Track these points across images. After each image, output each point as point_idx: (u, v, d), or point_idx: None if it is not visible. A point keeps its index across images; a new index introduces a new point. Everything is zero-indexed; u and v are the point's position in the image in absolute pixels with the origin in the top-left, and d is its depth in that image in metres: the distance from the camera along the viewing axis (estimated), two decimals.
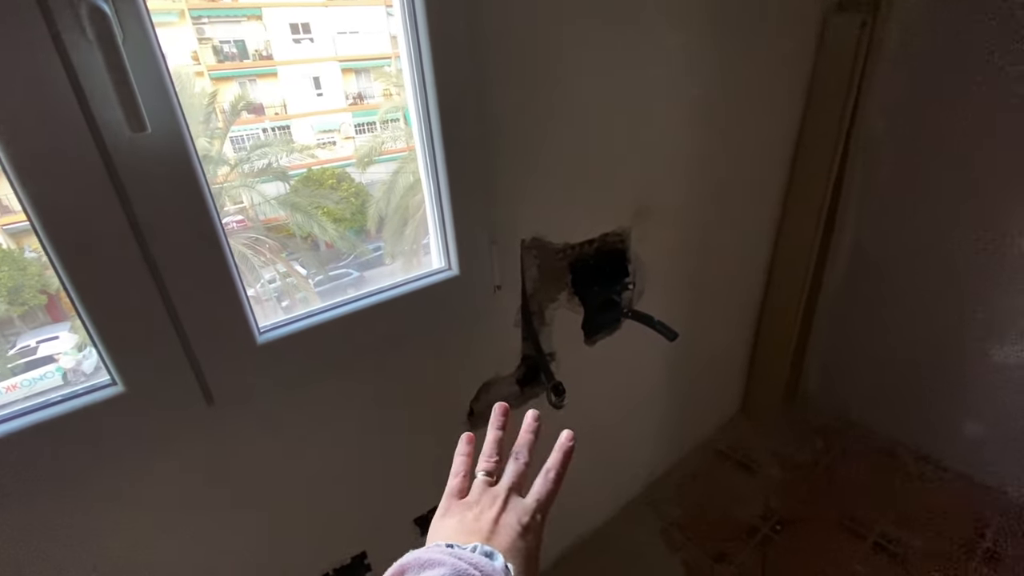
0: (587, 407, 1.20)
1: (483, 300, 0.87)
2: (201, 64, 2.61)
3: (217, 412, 0.64)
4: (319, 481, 0.80)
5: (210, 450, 0.67)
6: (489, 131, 0.77)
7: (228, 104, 3.27)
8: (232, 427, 0.67)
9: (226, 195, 3.58)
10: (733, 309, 1.58)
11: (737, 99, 1.18)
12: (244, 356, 0.64)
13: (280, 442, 0.73)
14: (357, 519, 0.88)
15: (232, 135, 3.34)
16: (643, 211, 1.09)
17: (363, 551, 0.91)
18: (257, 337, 0.65)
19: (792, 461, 1.62)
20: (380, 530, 0.92)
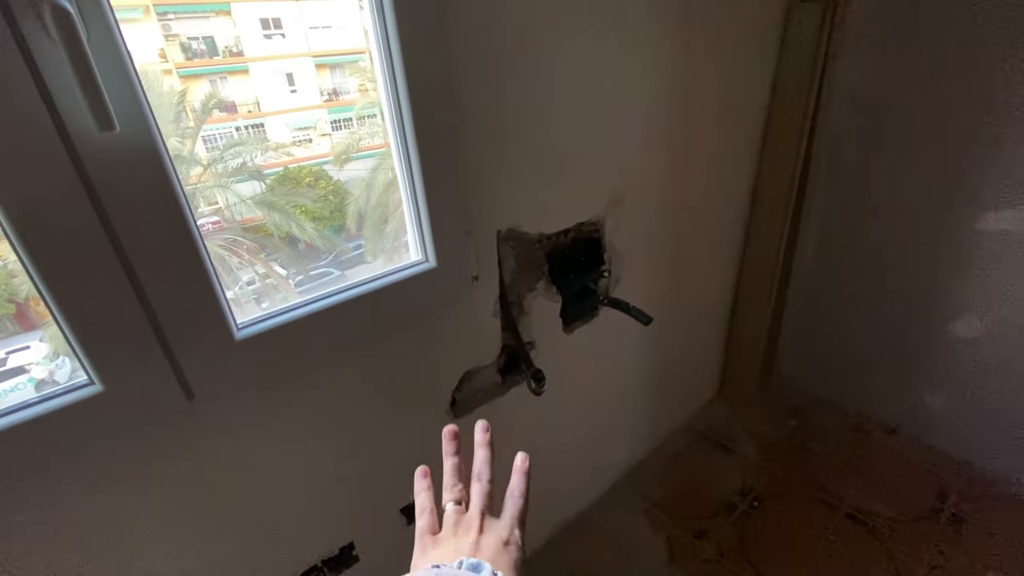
0: (568, 393, 1.22)
1: (461, 291, 0.89)
2: (169, 62, 2.54)
3: (198, 408, 0.64)
4: (303, 473, 0.81)
5: (192, 445, 0.67)
6: (462, 123, 0.78)
7: (199, 102, 3.20)
8: (214, 422, 0.68)
9: (200, 196, 3.51)
10: (708, 294, 1.63)
11: (706, 89, 1.21)
12: (223, 352, 0.64)
13: (263, 435, 0.74)
14: (343, 510, 0.89)
15: (204, 134, 3.26)
16: (617, 200, 1.12)
17: (351, 541, 0.93)
18: (235, 333, 0.65)
19: (768, 440, 1.68)
20: (367, 520, 0.94)
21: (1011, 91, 1.19)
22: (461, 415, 1.01)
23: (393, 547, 0.99)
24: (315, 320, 0.72)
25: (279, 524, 0.81)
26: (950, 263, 1.40)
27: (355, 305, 0.76)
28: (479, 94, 0.79)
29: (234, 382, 0.67)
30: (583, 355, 1.22)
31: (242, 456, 0.73)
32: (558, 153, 0.95)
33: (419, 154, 0.75)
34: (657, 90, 1.09)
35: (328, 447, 0.83)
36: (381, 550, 0.97)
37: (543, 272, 1.05)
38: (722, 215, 1.50)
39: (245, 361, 0.67)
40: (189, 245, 0.58)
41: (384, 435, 0.90)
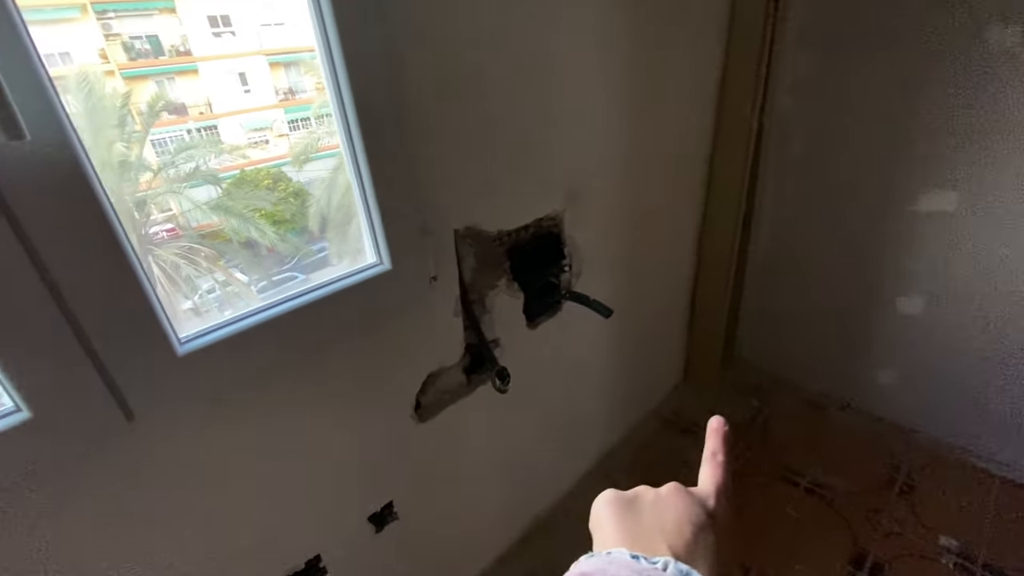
0: (536, 389, 1.23)
1: (419, 292, 0.88)
2: (111, 63, 2.39)
3: (139, 429, 0.61)
4: (262, 487, 0.78)
5: (136, 467, 0.64)
6: (411, 121, 0.77)
7: (145, 105, 3.02)
8: (158, 442, 0.65)
9: (152, 203, 3.33)
10: (669, 283, 1.66)
11: (657, 80, 1.22)
12: (164, 369, 0.61)
13: (214, 452, 0.71)
14: (308, 522, 0.87)
15: (153, 138, 3.10)
16: (574, 194, 1.12)
17: (317, 554, 0.90)
18: (178, 348, 0.63)
19: (731, 421, 1.72)
20: (334, 531, 0.92)
21: (938, 79, 1.25)
22: (427, 418, 1.00)
23: (363, 557, 0.98)
24: (264, 330, 0.70)
25: (237, 544, 0.78)
26: (894, 244, 1.47)
27: (307, 312, 0.74)
28: (428, 91, 0.78)
29: (179, 400, 0.64)
30: (548, 350, 1.23)
31: (192, 476, 0.70)
32: (513, 149, 0.95)
33: (367, 154, 0.73)
34: (610, 84, 1.10)
35: (287, 459, 0.80)
36: (349, 560, 0.96)
37: (504, 269, 1.05)
38: (679, 205, 1.53)
39: (190, 377, 0.64)
40: (118, 259, 0.55)
41: (347, 443, 0.88)
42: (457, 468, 1.13)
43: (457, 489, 1.15)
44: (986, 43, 1.17)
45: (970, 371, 1.45)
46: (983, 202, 1.29)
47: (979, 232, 1.32)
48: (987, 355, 1.41)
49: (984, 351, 1.41)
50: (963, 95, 1.23)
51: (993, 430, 1.47)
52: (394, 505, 1.01)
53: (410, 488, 1.03)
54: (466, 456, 1.13)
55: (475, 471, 1.17)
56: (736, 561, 0.24)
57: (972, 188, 1.29)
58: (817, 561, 1.27)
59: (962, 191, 1.31)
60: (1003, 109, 1.19)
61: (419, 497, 1.05)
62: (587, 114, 1.08)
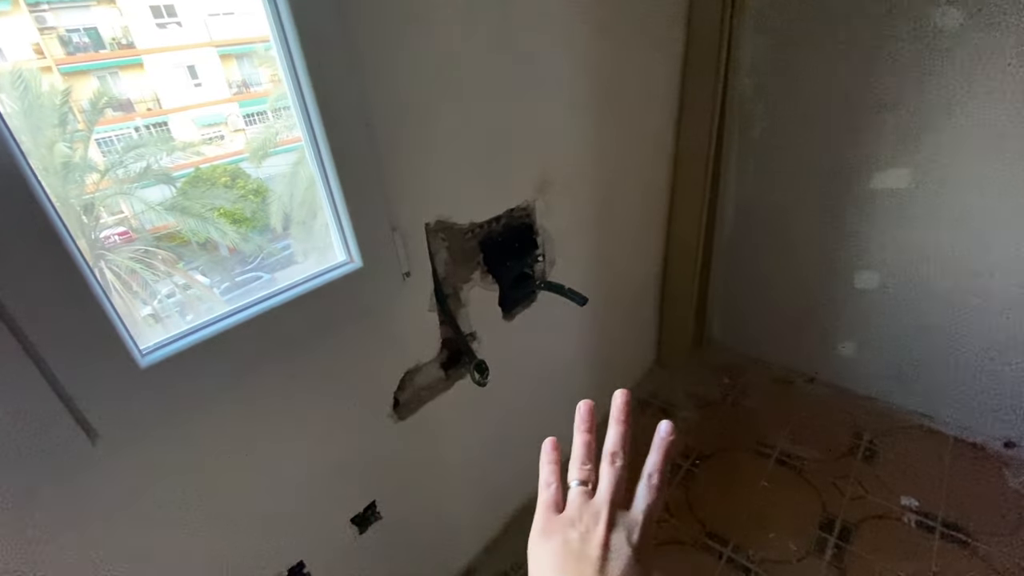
0: (514, 379, 1.23)
1: (392, 289, 0.86)
2: (47, 58, 2.24)
3: (104, 447, 0.58)
4: (240, 498, 0.76)
5: (103, 486, 0.61)
6: (374, 114, 0.74)
7: (87, 102, 2.85)
8: (126, 459, 0.62)
9: (101, 205, 3.17)
10: (639, 267, 1.68)
11: (622, 70, 1.23)
12: (126, 383, 0.58)
13: (187, 465, 0.68)
14: (288, 529, 0.85)
15: (98, 137, 2.93)
16: (545, 183, 1.12)
17: (300, 560, 0.89)
18: (140, 360, 0.59)
19: (704, 400, 1.78)
20: (316, 536, 0.90)
21: (887, 58, 1.30)
22: (406, 416, 0.99)
23: (346, 559, 0.97)
24: (232, 336, 0.67)
25: (216, 554, 0.76)
26: (851, 221, 1.52)
27: (276, 315, 0.71)
28: (389, 82, 0.76)
29: (145, 414, 0.61)
30: (525, 340, 1.23)
31: (165, 490, 0.67)
32: (481, 138, 0.94)
33: (330, 148, 0.70)
34: (575, 71, 1.09)
35: (265, 467, 0.78)
36: (333, 564, 0.94)
37: (478, 262, 1.04)
38: (647, 190, 1.55)
39: (155, 390, 0.61)
40: (68, 270, 0.52)
41: (326, 445, 0.86)
42: (439, 463, 1.12)
43: (440, 484, 1.14)
44: (931, 23, 1.22)
45: (922, 342, 1.53)
46: (934, 178, 1.35)
47: (930, 208, 1.39)
48: (938, 326, 1.49)
49: (935, 323, 1.49)
50: (911, 74, 1.28)
51: (944, 396, 1.56)
52: (377, 505, 1.00)
53: (392, 487, 1.02)
54: (447, 451, 1.13)
55: (457, 465, 1.17)
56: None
57: (922, 165, 1.35)
58: (789, 527, 1.32)
59: (913, 168, 1.37)
60: (951, 87, 1.25)
61: (402, 495, 1.04)
62: (555, 105, 1.07)
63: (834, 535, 1.30)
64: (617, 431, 0.38)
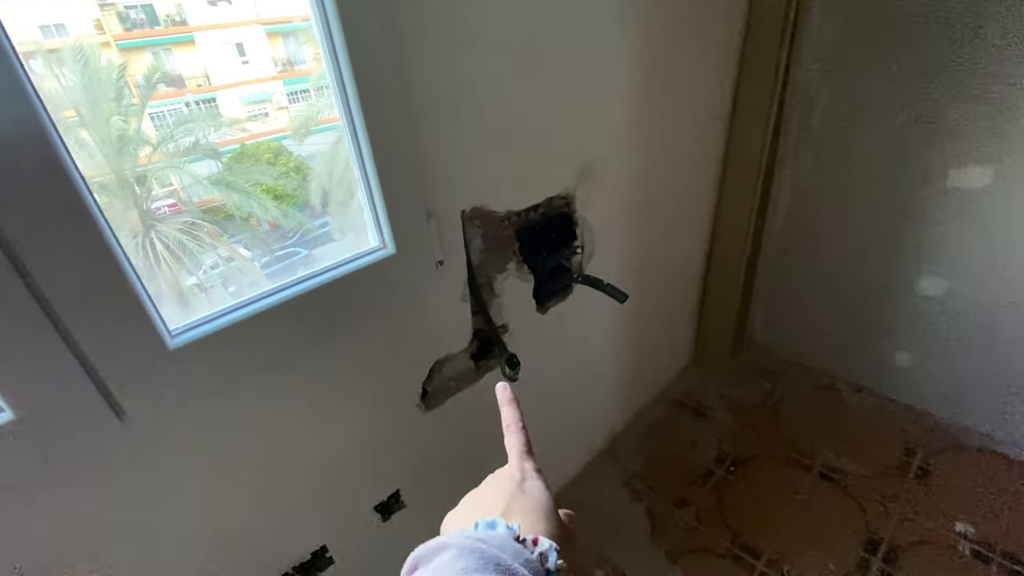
0: (545, 373, 1.19)
1: (425, 277, 0.83)
2: (107, 33, 2.31)
3: (132, 426, 0.58)
4: (266, 481, 0.76)
5: (132, 464, 0.61)
6: (413, 96, 0.71)
7: (141, 77, 2.93)
8: (154, 438, 0.62)
9: (153, 178, 3.27)
10: (681, 263, 1.60)
11: (674, 50, 1.14)
12: (155, 364, 0.58)
13: (214, 446, 0.68)
14: (313, 513, 0.85)
15: (152, 111, 3.01)
16: (586, 172, 1.07)
17: (323, 544, 0.89)
18: (168, 342, 0.59)
19: (742, 404, 1.70)
20: (340, 521, 0.90)
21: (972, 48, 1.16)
22: (433, 407, 0.97)
23: (370, 546, 0.96)
24: (262, 320, 0.66)
25: (242, 537, 0.76)
26: (918, 221, 1.40)
27: (307, 300, 0.70)
28: (430, 64, 0.72)
29: (173, 395, 0.61)
30: (558, 333, 1.19)
31: (193, 471, 0.67)
32: (522, 125, 0.89)
33: (368, 132, 0.67)
34: (624, 56, 1.02)
35: (291, 452, 0.77)
36: (357, 550, 0.94)
37: (513, 251, 1.00)
38: (694, 183, 1.46)
39: (183, 371, 0.61)
40: (99, 251, 0.51)
41: (352, 434, 0.85)
42: (465, 455, 1.10)
43: (464, 475, 1.12)
44: None
45: (992, 355, 1.41)
46: (1017, 179, 1.22)
47: (1010, 211, 1.25)
48: (1013, 339, 1.36)
49: (1009, 335, 1.36)
50: (999, 67, 1.15)
51: (1013, 415, 1.43)
52: (401, 494, 0.99)
53: (417, 476, 1.00)
54: (474, 443, 1.10)
55: (482, 457, 1.14)
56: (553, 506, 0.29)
57: (1008, 164, 1.22)
58: (830, 547, 1.25)
59: (997, 166, 1.24)
60: None
61: (426, 485, 1.03)
62: (603, 90, 1.01)
63: (879, 557, 1.22)
64: (509, 409, 0.47)
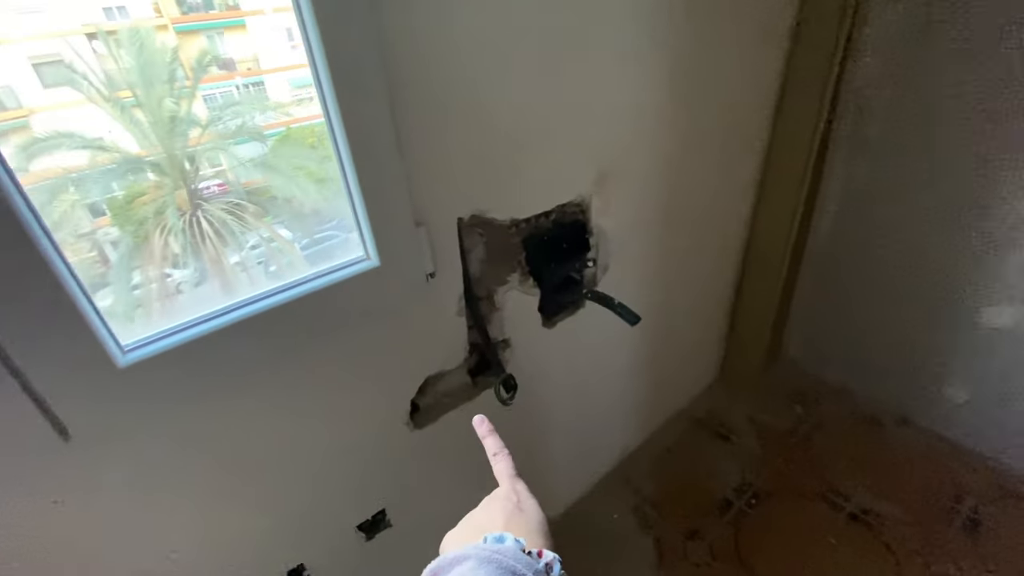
0: (551, 388, 1.12)
1: (413, 290, 0.76)
2: (164, 16, 2.35)
3: (78, 448, 0.54)
4: (228, 499, 0.71)
5: (79, 486, 0.57)
6: (399, 89, 0.63)
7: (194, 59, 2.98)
8: (102, 459, 0.57)
9: (203, 157, 3.35)
10: (710, 274, 1.48)
11: (711, 39, 1.03)
12: (102, 382, 0.53)
13: (172, 467, 0.64)
14: (287, 533, 0.80)
15: (203, 93, 3.07)
16: (605, 176, 0.97)
17: (300, 563, 0.84)
18: (119, 359, 0.54)
19: (770, 429, 1.58)
20: (319, 540, 0.85)
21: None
22: (424, 424, 0.91)
23: (352, 566, 0.92)
24: (225, 336, 0.60)
25: (203, 555, 0.72)
26: (985, 244, 1.23)
27: (277, 315, 0.64)
28: (419, 52, 0.64)
29: (125, 415, 0.56)
30: (567, 349, 1.10)
31: (147, 491, 0.63)
32: (532, 125, 0.80)
33: (345, 131, 0.60)
34: (648, 45, 0.92)
35: (261, 470, 0.73)
36: (338, 570, 0.90)
37: (519, 262, 0.92)
38: (729, 186, 1.34)
39: (136, 389, 0.56)
40: (33, 262, 0.46)
41: (331, 452, 0.80)
42: (458, 475, 1.03)
43: (458, 496, 1.06)
44: None
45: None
46: None
47: None
48: None
49: None
50: None
51: None
52: (387, 513, 0.94)
53: (405, 495, 0.95)
54: (468, 463, 1.04)
55: (479, 477, 1.08)
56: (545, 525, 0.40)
57: None
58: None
59: None
60: None
61: (417, 505, 0.97)
62: (625, 84, 0.91)
63: None
64: (491, 440, 0.52)
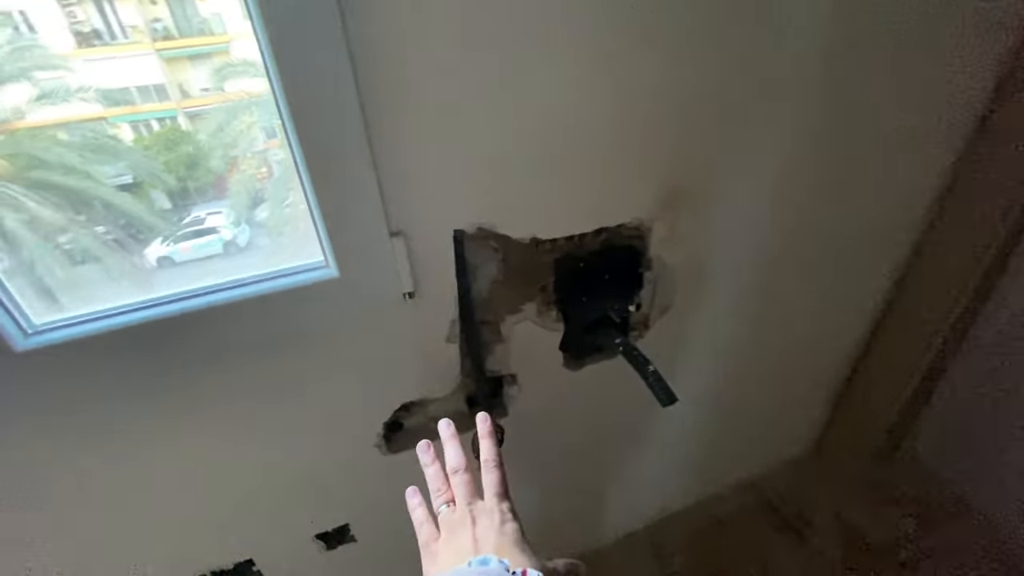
0: (564, 434, 0.95)
1: (384, 309, 0.63)
2: None
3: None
4: (151, 500, 0.66)
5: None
6: (365, 56, 0.48)
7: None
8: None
9: None
10: (825, 331, 1.15)
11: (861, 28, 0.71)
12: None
13: (82, 463, 0.59)
14: (234, 528, 0.76)
15: None
16: (676, 196, 0.73)
17: (250, 559, 0.80)
18: (17, 342, 0.49)
19: (862, 538, 1.23)
20: (273, 542, 0.80)
21: None
22: (400, 450, 0.79)
23: (309, 571, 0.86)
24: (157, 329, 0.53)
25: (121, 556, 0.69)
26: None
27: (212, 315, 0.55)
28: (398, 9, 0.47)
29: (27, 402, 0.52)
30: (594, 395, 0.91)
31: (61, 481, 0.59)
32: (566, 113, 0.60)
33: (291, 111, 0.47)
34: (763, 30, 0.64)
35: (193, 470, 0.67)
36: (293, 572, 0.84)
37: (543, 288, 0.74)
38: (867, 227, 0.99)
39: (40, 376, 0.51)
40: None
41: (272, 463, 0.72)
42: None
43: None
44: None
45: None
46: None
47: None
48: None
49: None
50: None
51: None
52: (351, 528, 0.86)
53: (376, 516, 0.85)
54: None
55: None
56: None
57: None
58: None
59: None
60: None
61: (387, 524, 0.88)
62: (724, 66, 0.65)
63: None
64: (451, 448, 0.48)
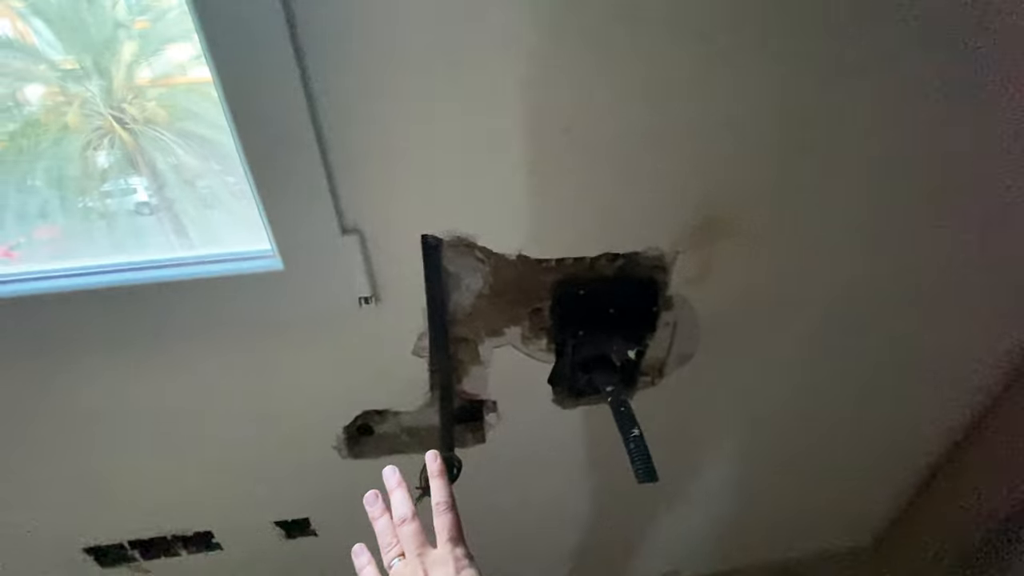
0: (546, 480, 0.85)
1: (335, 313, 0.56)
2: None
3: None
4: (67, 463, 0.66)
5: None
6: (314, 21, 0.40)
7: None
8: None
9: None
10: (914, 400, 0.91)
11: None
12: None
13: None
14: (198, 505, 0.75)
15: None
16: (712, 227, 0.59)
17: (209, 530, 0.80)
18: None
19: None
20: (230, 518, 0.79)
21: None
22: (363, 455, 0.74)
23: (267, 553, 0.85)
24: (80, 300, 0.51)
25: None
26: None
27: (151, 293, 0.51)
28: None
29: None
30: (588, 440, 0.80)
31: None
32: (557, 119, 0.49)
33: (220, 77, 0.41)
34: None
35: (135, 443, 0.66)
36: (251, 551, 0.84)
37: (535, 311, 0.63)
38: (977, 292, 0.75)
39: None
40: None
41: (236, 451, 0.69)
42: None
43: None
44: None
45: None
46: None
47: None
48: None
49: None
50: None
51: None
52: (312, 523, 0.82)
53: (338, 516, 0.81)
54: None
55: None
56: None
57: None
58: None
59: None
60: None
61: (352, 530, 0.84)
62: (777, 67, 0.50)
63: None
64: (397, 496, 0.45)
